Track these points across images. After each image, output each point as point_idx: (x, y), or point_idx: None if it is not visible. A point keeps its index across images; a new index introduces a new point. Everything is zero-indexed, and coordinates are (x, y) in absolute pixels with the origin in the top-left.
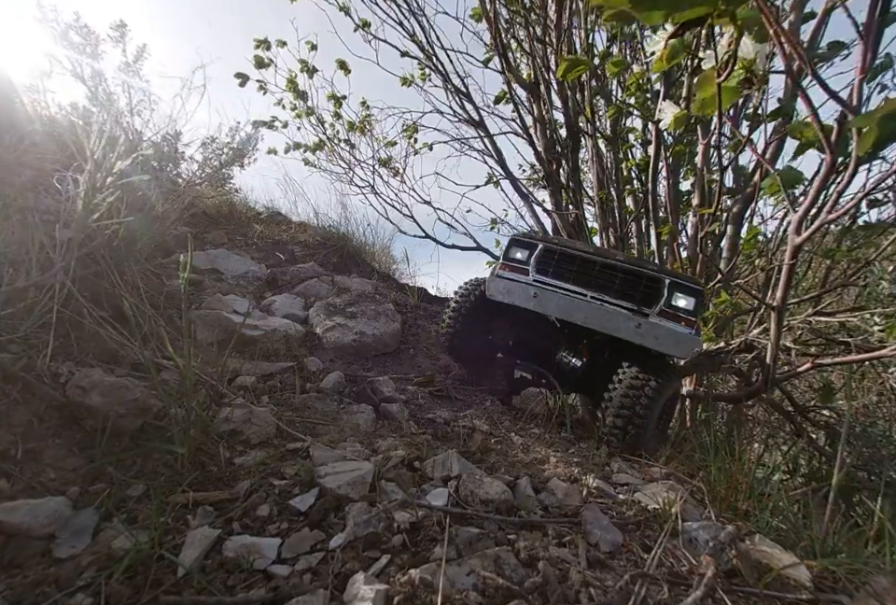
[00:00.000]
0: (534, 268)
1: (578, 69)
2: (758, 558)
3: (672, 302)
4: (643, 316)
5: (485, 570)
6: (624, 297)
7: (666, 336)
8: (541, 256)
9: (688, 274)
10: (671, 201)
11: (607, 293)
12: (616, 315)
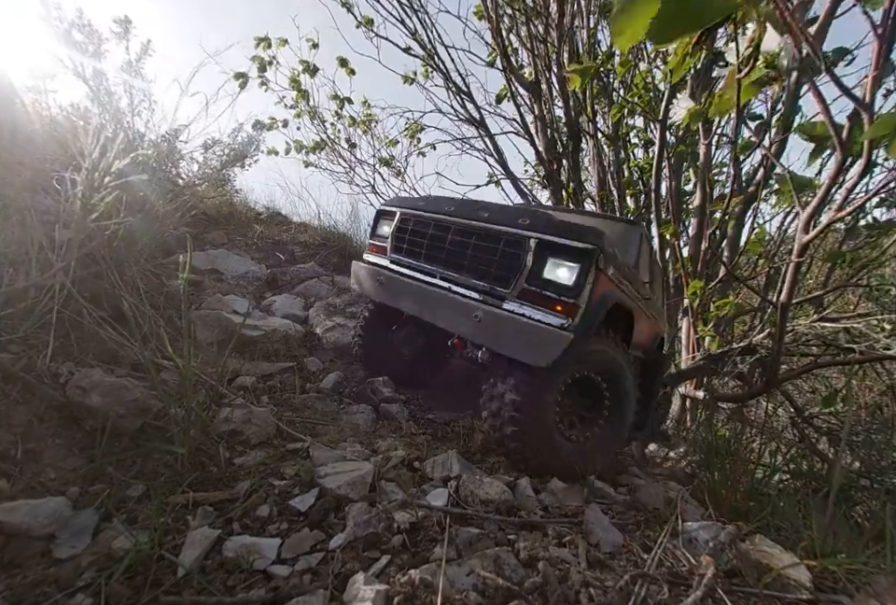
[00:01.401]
0: (391, 245)
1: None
2: (758, 558)
3: (542, 273)
4: (497, 301)
5: (485, 571)
6: (478, 274)
7: (513, 334)
8: (398, 227)
9: (575, 224)
10: (673, 200)
11: (458, 271)
12: (456, 305)
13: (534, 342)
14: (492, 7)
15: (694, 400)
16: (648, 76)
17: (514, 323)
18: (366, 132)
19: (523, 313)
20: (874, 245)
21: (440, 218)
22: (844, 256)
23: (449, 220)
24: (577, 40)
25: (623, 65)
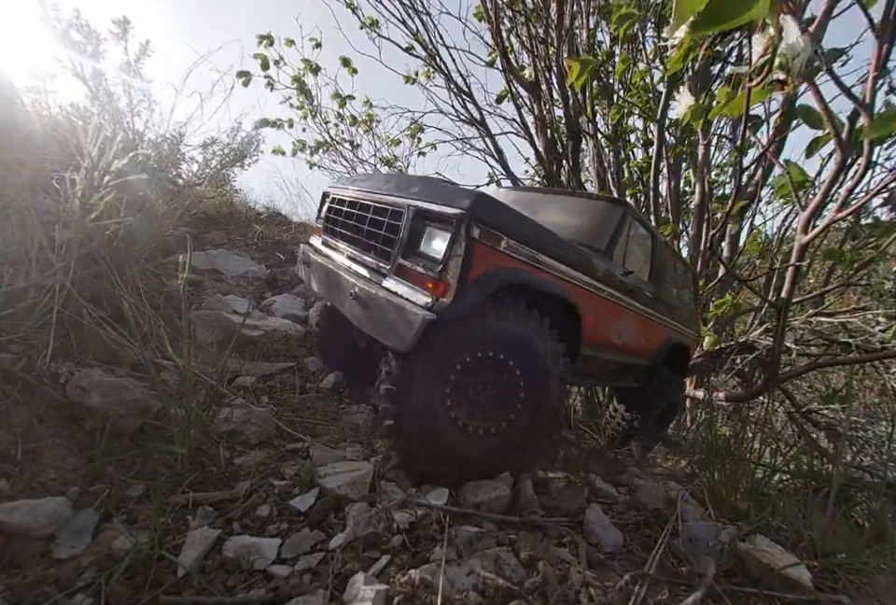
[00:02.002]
0: (322, 226)
1: (588, 70)
2: (758, 558)
3: (419, 246)
4: (380, 278)
5: (485, 571)
6: (369, 250)
7: (378, 314)
8: (328, 207)
9: (459, 189)
10: (673, 200)
11: (356, 248)
12: (341, 284)
13: (393, 323)
14: (492, 8)
15: (694, 400)
16: (646, 76)
17: (381, 302)
18: (367, 131)
19: (396, 291)
20: (874, 244)
21: (352, 194)
22: (844, 255)
23: (357, 196)
24: (577, 41)
25: (623, 62)
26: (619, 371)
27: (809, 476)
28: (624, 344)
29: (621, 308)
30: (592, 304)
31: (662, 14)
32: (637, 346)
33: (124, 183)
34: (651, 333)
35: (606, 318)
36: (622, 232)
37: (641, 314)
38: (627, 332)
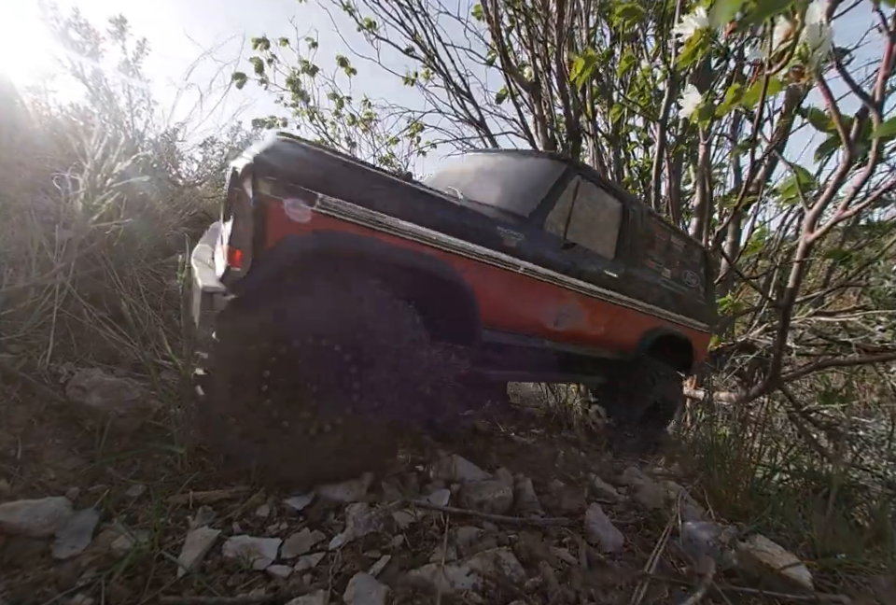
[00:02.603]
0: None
1: (591, 67)
2: (758, 558)
3: (231, 212)
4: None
5: (486, 571)
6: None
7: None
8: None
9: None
10: (673, 200)
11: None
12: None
13: (197, 305)
14: (491, 7)
15: (694, 400)
16: (648, 75)
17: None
18: (366, 130)
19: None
20: (874, 244)
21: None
22: (846, 255)
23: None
24: (577, 40)
25: (627, 60)
26: (571, 363)
27: (809, 476)
28: (571, 333)
29: (554, 288)
30: (495, 281)
31: (664, 11)
32: (594, 335)
33: (126, 184)
34: (620, 321)
35: (526, 299)
36: (558, 194)
37: (597, 297)
38: (572, 318)
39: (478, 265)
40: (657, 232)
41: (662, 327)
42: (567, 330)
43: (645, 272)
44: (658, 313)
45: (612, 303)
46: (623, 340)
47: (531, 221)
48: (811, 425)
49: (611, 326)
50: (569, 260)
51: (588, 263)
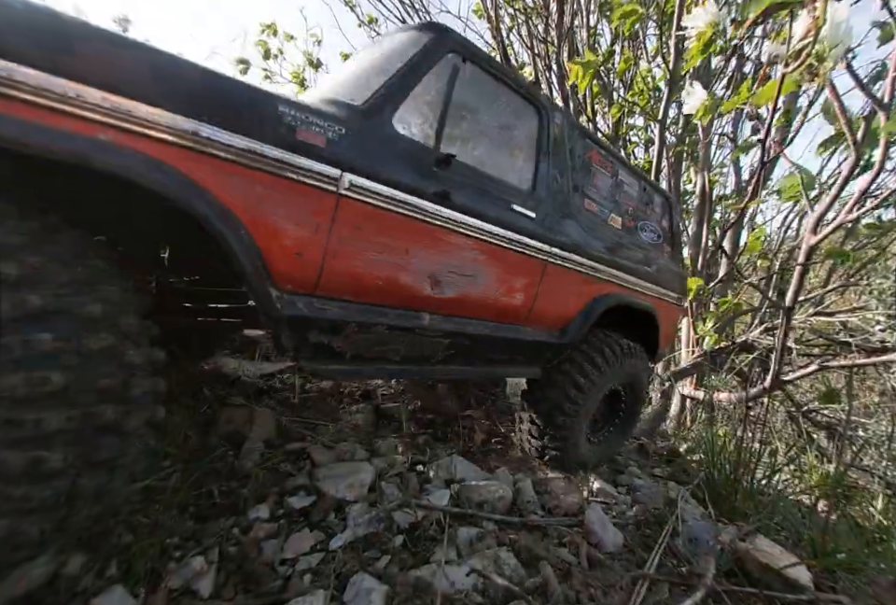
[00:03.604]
0: None
1: (589, 72)
2: (758, 558)
3: None
4: None
5: (486, 571)
6: None
7: None
8: None
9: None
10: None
11: None
12: None
13: None
14: (491, 6)
15: (694, 400)
16: (648, 75)
17: None
18: None
19: None
20: (875, 245)
21: None
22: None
23: None
24: (577, 40)
25: (625, 62)
26: (480, 350)
27: (809, 476)
28: (468, 302)
29: (423, 227)
30: (294, 207)
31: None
32: (510, 306)
33: None
34: (549, 285)
35: (368, 243)
36: (416, 78)
37: (504, 245)
38: (465, 279)
39: (245, 175)
40: (598, 164)
41: (612, 294)
42: (459, 299)
43: (584, 216)
44: (606, 274)
45: (532, 257)
46: (556, 313)
47: (367, 115)
48: (811, 425)
49: (535, 291)
50: (448, 182)
51: (484, 192)
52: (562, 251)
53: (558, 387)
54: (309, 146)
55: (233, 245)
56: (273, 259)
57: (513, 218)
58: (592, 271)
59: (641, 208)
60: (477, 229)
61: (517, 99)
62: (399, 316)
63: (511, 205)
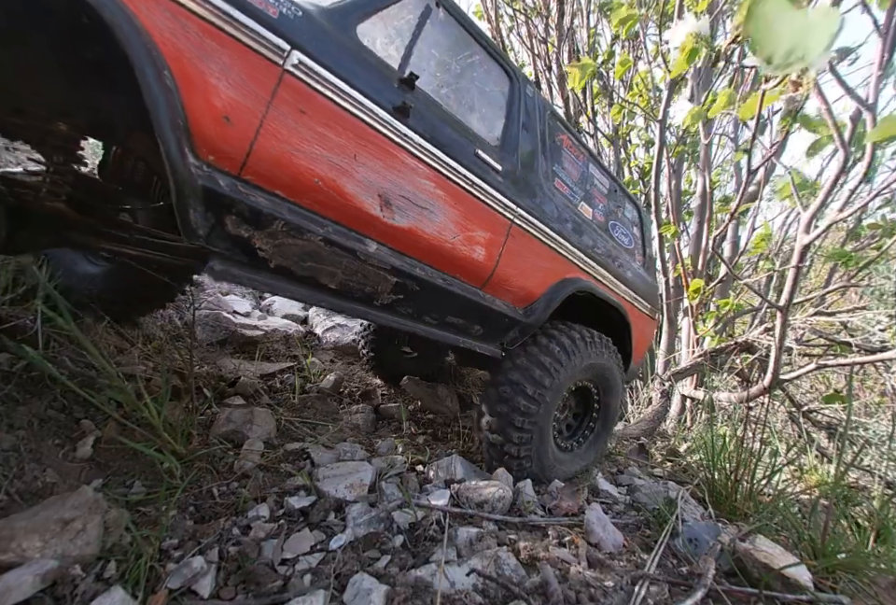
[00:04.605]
0: None
1: (588, 74)
2: (758, 558)
3: None
4: None
5: (485, 571)
6: None
7: None
8: None
9: None
10: (674, 200)
11: None
12: None
13: None
14: (491, 6)
15: (694, 400)
16: (646, 76)
17: None
18: None
19: None
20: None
21: None
22: (849, 256)
23: None
24: (577, 40)
25: (622, 64)
26: (430, 302)
27: (809, 475)
28: (423, 239)
29: (375, 136)
30: (238, 67)
31: (664, 12)
32: (471, 262)
33: None
34: (514, 248)
35: (311, 132)
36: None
37: (467, 186)
38: (422, 209)
39: (180, 15)
40: (569, 150)
41: (581, 280)
42: (411, 233)
43: (553, 192)
44: (576, 257)
45: (496, 212)
46: (521, 285)
47: (331, 14)
48: (811, 425)
49: (499, 252)
50: (410, 102)
51: (446, 127)
52: (529, 215)
53: (513, 382)
54: (259, 10)
55: (150, 80)
56: (196, 116)
57: (477, 164)
58: (560, 248)
59: (612, 208)
60: (435, 157)
61: (490, 61)
62: (340, 233)
63: (475, 150)
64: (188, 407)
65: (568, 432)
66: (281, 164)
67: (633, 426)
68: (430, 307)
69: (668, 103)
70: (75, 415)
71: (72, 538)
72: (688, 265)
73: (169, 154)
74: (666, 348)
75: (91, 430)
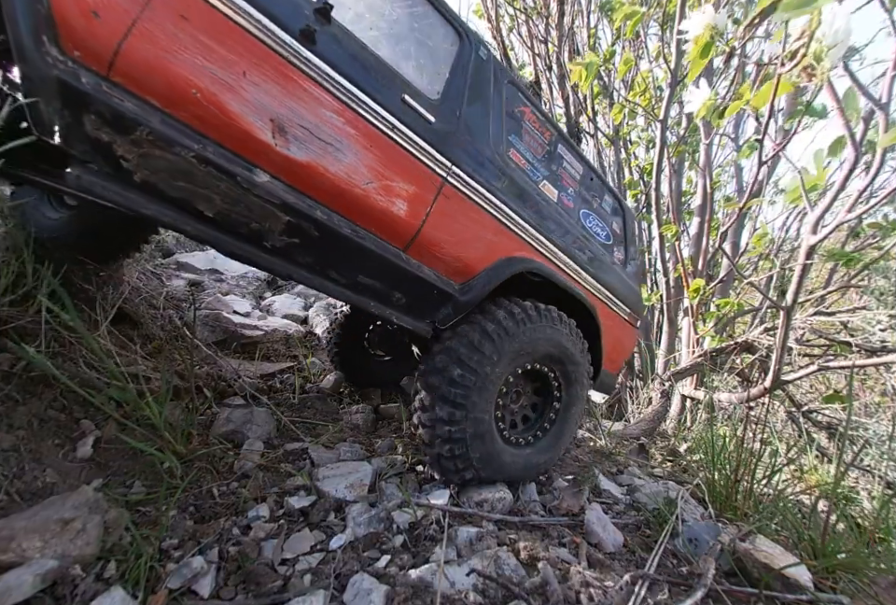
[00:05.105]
0: None
1: (593, 72)
2: (758, 558)
3: None
4: None
5: (485, 571)
6: None
7: None
8: None
9: None
10: (675, 200)
11: None
12: None
13: None
14: (492, 6)
15: (694, 401)
16: (648, 76)
17: None
18: None
19: None
20: (877, 245)
21: None
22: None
23: None
24: (577, 40)
25: (625, 63)
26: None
27: (810, 476)
28: (326, 177)
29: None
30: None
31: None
32: (389, 215)
33: None
34: (448, 213)
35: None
36: None
37: (389, 134)
38: (326, 145)
39: None
40: (532, 124)
41: (534, 262)
42: (312, 169)
43: (505, 161)
44: (529, 236)
45: (424, 164)
46: (455, 254)
47: None
48: (811, 425)
49: (426, 211)
50: (320, 31)
51: (367, 67)
52: (468, 177)
53: (440, 369)
54: None
55: None
56: (61, 6)
57: (403, 110)
58: (510, 221)
59: (586, 197)
60: (347, 91)
61: (435, 16)
62: (221, 154)
63: (402, 96)
64: (188, 407)
65: (525, 425)
66: (154, 70)
67: (633, 426)
68: (336, 261)
69: (670, 102)
70: (75, 415)
71: (72, 538)
72: (688, 265)
73: (18, 38)
74: (666, 348)
75: (91, 430)
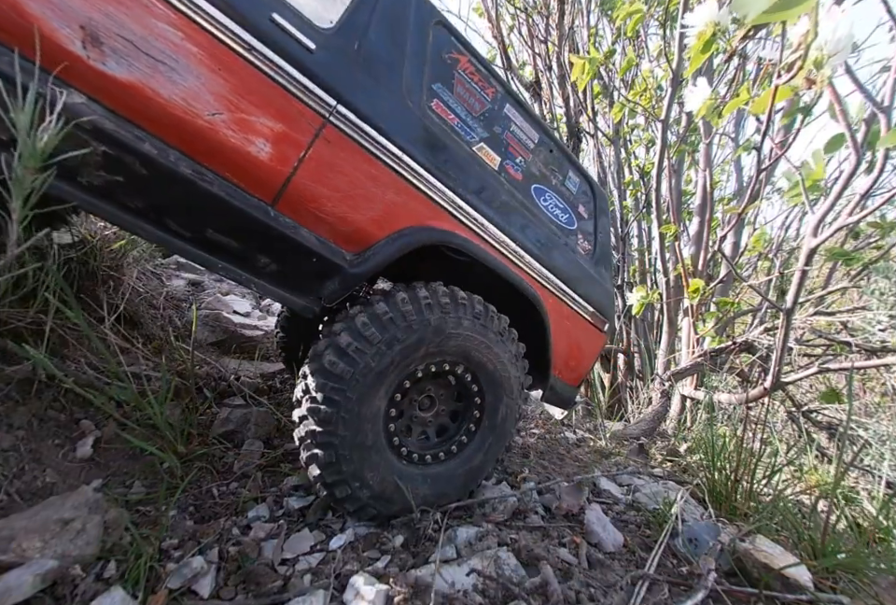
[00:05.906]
0: None
1: (593, 68)
2: (758, 558)
3: None
4: None
5: (486, 571)
6: None
7: None
8: None
9: None
10: (674, 200)
11: None
12: None
13: None
14: (492, 5)
15: (694, 401)
16: (649, 76)
17: None
18: None
19: None
20: (876, 245)
21: None
22: (852, 257)
23: None
24: (578, 40)
25: (627, 62)
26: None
27: (810, 476)
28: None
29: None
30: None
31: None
32: (244, 155)
33: None
34: (337, 163)
35: None
36: None
37: (247, 57)
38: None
39: None
40: (468, 75)
41: (456, 235)
42: (134, 89)
43: (423, 111)
44: (452, 203)
45: (297, 98)
46: (342, 212)
47: None
48: (811, 425)
49: (299, 156)
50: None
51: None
52: (359, 118)
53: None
54: None
55: None
56: None
57: (271, 30)
58: (422, 182)
59: (541, 170)
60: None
61: None
62: (13, 65)
63: (270, 14)
64: (188, 407)
65: (440, 438)
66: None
67: (633, 426)
68: (175, 209)
69: (671, 102)
70: (75, 416)
71: (72, 538)
72: (688, 265)
73: None
74: (666, 348)
75: (91, 430)
